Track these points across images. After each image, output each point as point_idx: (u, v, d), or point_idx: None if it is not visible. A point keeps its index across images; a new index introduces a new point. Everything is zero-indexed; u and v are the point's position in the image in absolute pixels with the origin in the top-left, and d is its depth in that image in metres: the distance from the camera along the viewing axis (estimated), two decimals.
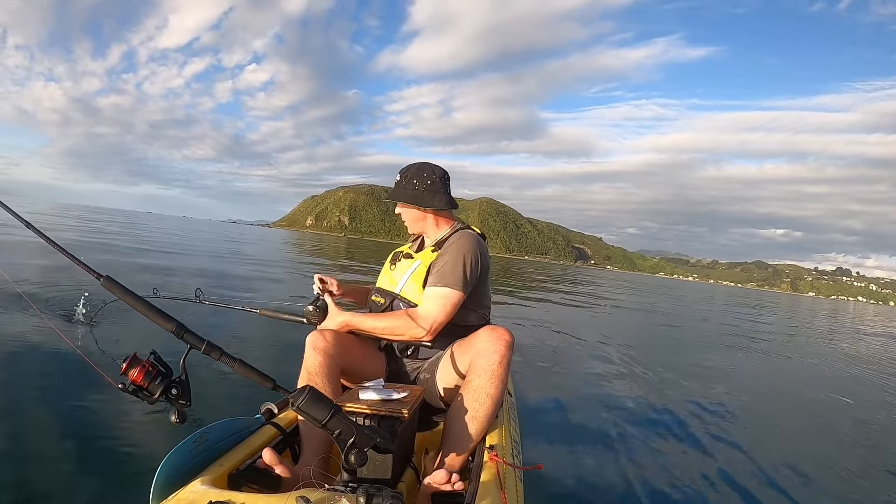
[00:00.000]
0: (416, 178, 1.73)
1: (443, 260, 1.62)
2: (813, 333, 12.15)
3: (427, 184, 1.72)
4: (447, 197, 1.76)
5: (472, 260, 1.61)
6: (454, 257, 1.61)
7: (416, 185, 1.72)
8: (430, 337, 1.57)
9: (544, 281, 18.07)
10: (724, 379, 4.73)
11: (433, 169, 1.76)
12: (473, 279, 1.62)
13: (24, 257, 8.20)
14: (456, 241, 1.67)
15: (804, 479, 2.50)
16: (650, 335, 7.11)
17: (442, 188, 1.75)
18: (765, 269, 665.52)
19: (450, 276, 1.58)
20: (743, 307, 21.76)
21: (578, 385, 3.89)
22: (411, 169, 1.76)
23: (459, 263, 1.59)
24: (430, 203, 1.72)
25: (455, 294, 1.57)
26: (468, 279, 1.59)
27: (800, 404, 4.31)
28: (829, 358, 7.44)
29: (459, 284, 1.57)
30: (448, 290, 1.56)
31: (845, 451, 3.06)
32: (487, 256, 1.71)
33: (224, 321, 5.23)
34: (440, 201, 1.73)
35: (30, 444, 2.14)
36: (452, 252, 1.62)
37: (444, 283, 1.57)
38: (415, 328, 1.55)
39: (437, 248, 1.70)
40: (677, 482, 2.32)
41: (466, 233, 1.72)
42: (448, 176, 1.79)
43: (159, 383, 0.98)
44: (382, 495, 0.93)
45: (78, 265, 1.06)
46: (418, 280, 1.65)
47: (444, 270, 1.59)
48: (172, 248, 14.04)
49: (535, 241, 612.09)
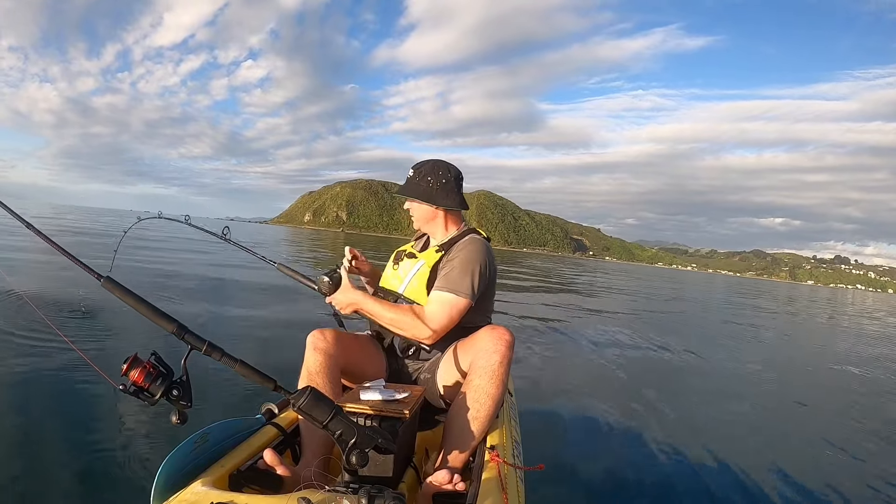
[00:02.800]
0: (430, 174, 1.70)
1: (452, 264, 1.60)
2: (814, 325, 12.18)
3: (442, 182, 1.69)
4: (459, 197, 1.73)
5: (481, 268, 1.59)
6: (464, 264, 1.58)
7: (430, 181, 1.69)
8: (431, 341, 1.56)
9: (538, 274, 18.11)
10: (725, 376, 4.72)
11: (448, 168, 1.73)
12: (482, 287, 1.60)
13: (24, 258, 8.20)
14: (466, 246, 1.64)
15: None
16: (650, 327, 7.11)
17: (455, 188, 1.72)
18: (763, 258, 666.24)
19: (459, 282, 1.56)
20: (743, 296, 21.76)
21: (579, 384, 3.88)
22: (426, 165, 1.73)
23: (469, 271, 1.57)
24: (443, 202, 1.69)
25: (463, 301, 1.55)
26: (477, 288, 1.58)
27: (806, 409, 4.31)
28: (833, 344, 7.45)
29: (468, 292, 1.55)
30: (456, 297, 1.55)
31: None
32: (495, 263, 1.70)
33: (224, 321, 5.23)
34: (453, 201, 1.71)
35: (30, 446, 2.14)
36: (462, 258, 1.60)
37: (453, 290, 1.55)
38: (419, 328, 1.54)
39: (443, 249, 1.67)
40: (678, 481, 2.32)
41: (476, 238, 1.68)
42: (462, 176, 1.76)
43: (160, 384, 0.98)
44: (384, 496, 0.93)
45: (78, 265, 1.06)
46: (422, 281, 1.64)
47: (454, 276, 1.57)
48: (169, 248, 14.03)
49: (534, 233, 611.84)
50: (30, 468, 1.95)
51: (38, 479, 1.88)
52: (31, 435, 2.25)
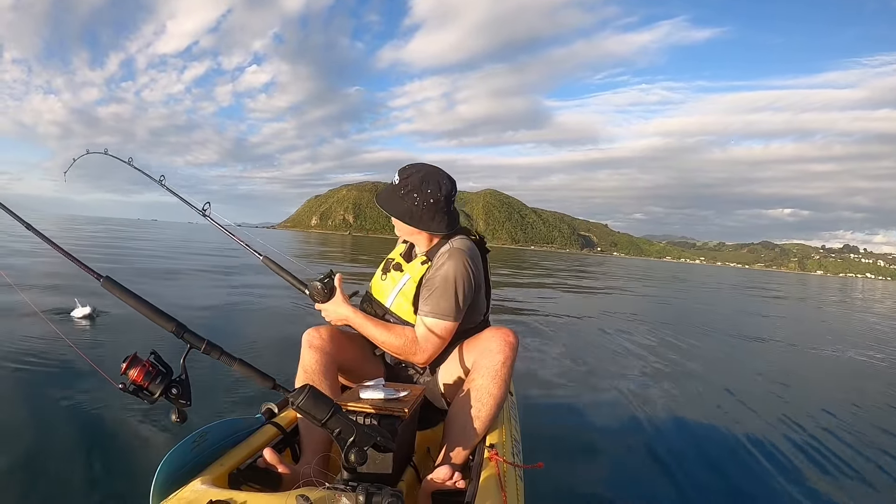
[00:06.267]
0: (417, 191, 1.52)
1: (434, 284, 1.51)
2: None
3: (429, 202, 1.52)
4: (448, 219, 1.57)
5: (463, 285, 1.50)
6: (445, 283, 1.49)
7: (416, 199, 1.52)
8: (423, 364, 1.56)
9: (545, 273, 18.11)
10: (727, 374, 4.72)
11: (439, 185, 1.53)
12: (467, 302, 1.54)
13: (25, 259, 8.21)
14: (447, 259, 1.52)
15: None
16: (654, 324, 7.11)
17: (445, 208, 1.55)
18: (772, 249, 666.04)
19: (443, 306, 1.50)
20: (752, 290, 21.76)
21: (580, 382, 3.88)
22: (414, 178, 1.53)
23: (450, 292, 1.49)
24: (426, 225, 1.55)
25: (449, 324, 1.51)
26: (461, 306, 1.52)
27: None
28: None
29: (452, 314, 1.50)
30: (442, 323, 1.50)
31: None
32: (481, 269, 1.61)
33: (224, 320, 5.23)
34: (439, 224, 1.55)
35: (30, 444, 2.15)
36: (442, 276, 1.50)
37: (439, 314, 1.50)
38: (412, 354, 1.52)
39: (429, 259, 1.59)
40: (680, 479, 2.32)
41: (457, 251, 1.53)
42: (455, 192, 1.60)
43: (159, 383, 0.98)
44: (382, 494, 0.94)
45: (78, 266, 1.07)
46: (408, 297, 1.57)
47: (436, 300, 1.50)
48: (177, 256, 14.05)
49: (541, 230, 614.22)
50: (29, 467, 1.96)
51: (37, 478, 1.88)
52: (31, 434, 2.26)
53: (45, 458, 2.04)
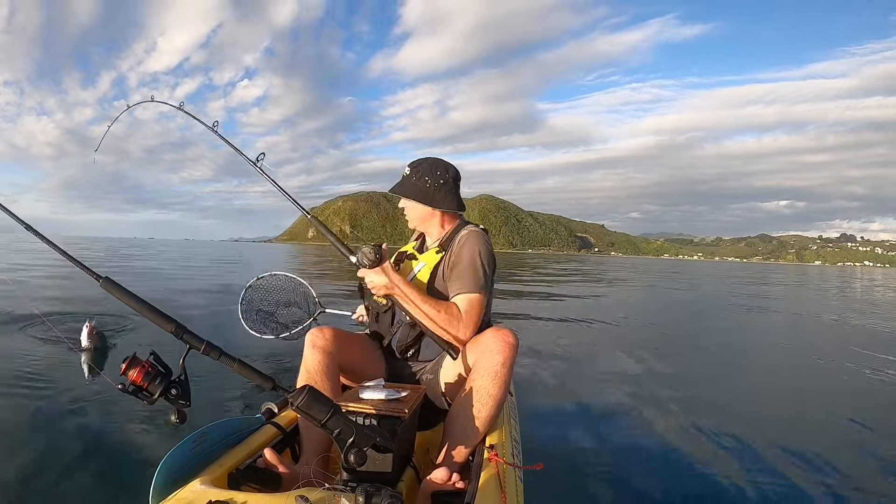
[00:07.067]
0: (428, 174, 1.68)
1: (461, 262, 1.60)
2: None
3: (440, 182, 1.67)
4: (457, 199, 1.72)
5: (487, 260, 1.61)
6: (470, 260, 1.59)
7: (427, 182, 1.67)
8: (465, 339, 1.54)
9: (540, 279, 18.08)
10: (729, 371, 4.71)
11: (447, 168, 1.71)
12: (490, 277, 1.64)
13: (25, 260, 8.21)
14: (466, 240, 1.64)
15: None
16: (652, 324, 7.11)
17: (454, 188, 1.71)
18: (769, 242, 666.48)
19: (476, 280, 1.57)
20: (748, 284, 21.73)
21: (579, 383, 3.88)
22: (423, 164, 1.70)
23: (479, 265, 1.59)
24: (440, 203, 1.68)
25: (482, 298, 1.58)
26: (487, 280, 1.61)
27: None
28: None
29: (483, 287, 1.58)
30: (478, 296, 1.56)
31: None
32: (493, 253, 1.71)
33: (224, 320, 5.23)
34: (451, 202, 1.69)
35: (30, 444, 2.15)
36: (468, 254, 1.60)
37: (470, 289, 1.56)
38: (455, 328, 1.52)
39: (442, 249, 1.67)
40: (680, 480, 2.32)
41: (475, 232, 1.67)
42: (460, 176, 1.74)
43: (159, 383, 0.99)
44: (381, 494, 0.94)
45: (78, 267, 1.07)
46: (422, 283, 1.64)
47: (468, 276, 1.58)
48: (173, 276, 14.04)
49: (538, 233, 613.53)
50: (30, 466, 1.96)
51: (37, 478, 1.89)
52: (31, 434, 2.26)
53: (45, 459, 2.04)
